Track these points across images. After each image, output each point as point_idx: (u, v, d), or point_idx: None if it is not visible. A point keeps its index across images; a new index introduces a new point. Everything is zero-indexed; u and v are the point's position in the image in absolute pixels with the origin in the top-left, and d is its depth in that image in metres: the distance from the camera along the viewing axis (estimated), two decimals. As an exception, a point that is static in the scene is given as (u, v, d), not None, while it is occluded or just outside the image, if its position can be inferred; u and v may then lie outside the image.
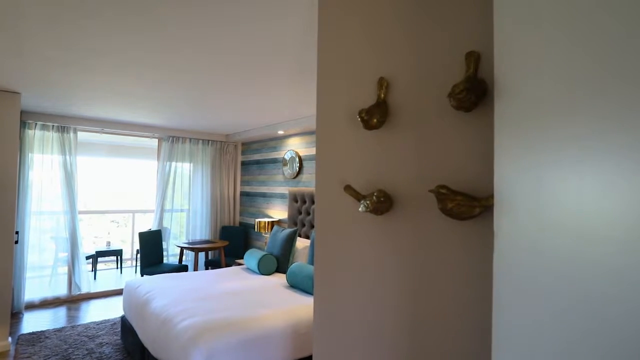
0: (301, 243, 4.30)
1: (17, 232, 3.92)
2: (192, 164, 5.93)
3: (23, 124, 4.49)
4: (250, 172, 6.06)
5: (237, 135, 5.88)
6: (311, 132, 4.82)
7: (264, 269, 3.95)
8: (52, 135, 4.73)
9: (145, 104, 4.00)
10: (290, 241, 4.09)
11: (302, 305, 2.95)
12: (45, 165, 4.74)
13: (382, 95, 0.97)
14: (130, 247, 7.36)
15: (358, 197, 0.99)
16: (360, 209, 0.95)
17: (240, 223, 6.25)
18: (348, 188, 1.01)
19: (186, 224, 5.92)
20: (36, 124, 4.58)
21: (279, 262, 4.08)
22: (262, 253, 4.04)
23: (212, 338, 2.33)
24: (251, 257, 4.10)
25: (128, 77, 3.03)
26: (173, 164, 5.73)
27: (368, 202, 0.93)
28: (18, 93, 3.52)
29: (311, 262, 3.60)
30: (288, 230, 4.15)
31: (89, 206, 7.76)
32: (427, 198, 0.87)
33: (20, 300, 4.41)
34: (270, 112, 4.32)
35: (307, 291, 3.28)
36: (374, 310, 0.98)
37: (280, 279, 3.79)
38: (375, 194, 0.92)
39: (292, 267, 3.50)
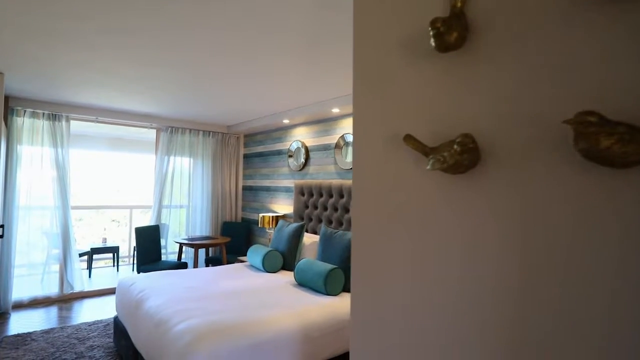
0: (308, 238, 4.00)
1: (1, 226, 3.63)
2: (191, 158, 5.63)
3: (10, 111, 4.20)
4: (253, 165, 5.76)
5: (239, 126, 5.58)
6: (318, 120, 4.52)
7: (269, 266, 3.66)
8: (43, 124, 4.44)
9: (141, 88, 3.71)
10: (297, 236, 3.79)
11: (314, 306, 2.66)
12: (35, 156, 4.44)
13: (459, 4, 0.67)
14: (128, 244, 7.07)
15: (424, 150, 0.69)
16: (429, 167, 0.65)
17: (243, 219, 5.95)
18: (409, 139, 0.71)
19: (185, 220, 5.62)
20: (25, 111, 4.29)
21: (285, 258, 3.79)
22: (266, 249, 3.75)
23: (213, 343, 2.04)
24: (255, 254, 3.80)
25: (122, 56, 2.74)
26: (172, 157, 5.43)
27: (445, 154, 0.63)
28: (1, 74, 3.23)
29: (321, 258, 3.31)
30: (295, 225, 3.86)
31: (84, 202, 7.47)
32: (547, 141, 0.57)
33: (7, 299, 4.12)
34: (275, 99, 4.02)
35: (318, 290, 2.98)
36: (447, 327, 0.68)
37: (286, 276, 3.50)
38: (458, 140, 0.62)
39: (300, 263, 3.21)
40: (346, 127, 4.15)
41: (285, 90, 3.69)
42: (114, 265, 6.53)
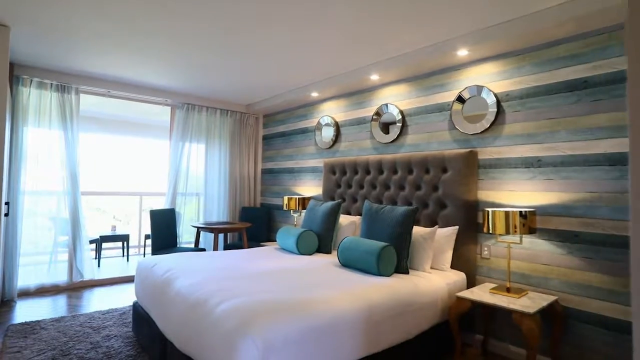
0: (344, 219, 3.63)
1: (7, 203, 3.27)
2: (207, 143, 5.21)
3: (16, 80, 3.83)
4: (274, 147, 5.38)
5: (259, 105, 5.20)
6: (351, 92, 4.14)
7: (303, 248, 3.29)
8: (51, 96, 4.07)
9: (160, 50, 3.34)
10: (333, 216, 3.42)
11: (369, 286, 2.28)
12: (42, 132, 4.05)
13: None
14: (138, 234, 6.70)
15: None
16: None
17: (262, 204, 5.58)
18: None
19: (202, 206, 5.22)
20: (32, 80, 3.91)
21: (320, 240, 3.41)
22: (300, 229, 3.38)
23: (268, 325, 1.67)
24: (286, 235, 3.43)
25: (146, 6, 2.38)
26: (187, 142, 5.02)
27: None
28: (6, 26, 2.86)
29: (365, 236, 2.94)
30: (330, 203, 3.49)
31: (90, 188, 7.09)
32: None
33: (12, 286, 3.76)
34: (304, 66, 3.64)
35: (368, 270, 2.61)
36: None
37: (324, 258, 3.12)
38: None
39: (345, 241, 2.83)
40: (386, 97, 3.77)
41: (319, 54, 3.32)
42: (123, 255, 6.17)
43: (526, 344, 2.63)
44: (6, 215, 3.18)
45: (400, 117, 3.57)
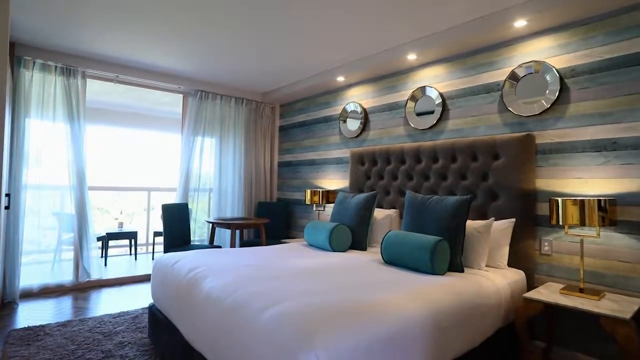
0: (379, 212, 3.30)
1: (7, 195, 2.95)
2: (221, 134, 4.88)
3: (18, 62, 3.51)
4: (292, 138, 5.05)
5: (276, 93, 4.87)
6: (382, 76, 3.80)
7: (337, 244, 2.96)
8: (55, 80, 3.74)
9: (173, 23, 3.01)
10: (367, 209, 3.09)
11: (431, 286, 1.96)
12: (46, 124, 3.73)
13: None
14: (145, 230, 6.39)
15: None
16: None
17: (279, 199, 5.25)
18: None
19: (215, 201, 4.89)
20: (34, 62, 3.59)
21: (353, 235, 3.09)
22: (332, 224, 3.05)
23: (332, 335, 1.34)
24: (317, 230, 3.11)
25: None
26: (199, 136, 4.69)
27: None
28: (7, -7, 2.54)
29: (411, 229, 2.61)
30: (363, 195, 3.16)
31: (95, 183, 6.77)
32: None
33: (13, 287, 3.44)
34: (330, 47, 3.32)
35: (419, 268, 2.28)
36: None
37: (362, 255, 2.80)
38: None
39: (390, 236, 2.51)
40: (422, 80, 3.44)
41: (348, 32, 2.99)
42: (130, 254, 5.86)
43: (623, 357, 2.20)
44: (7, 208, 2.86)
45: (440, 100, 3.24)
